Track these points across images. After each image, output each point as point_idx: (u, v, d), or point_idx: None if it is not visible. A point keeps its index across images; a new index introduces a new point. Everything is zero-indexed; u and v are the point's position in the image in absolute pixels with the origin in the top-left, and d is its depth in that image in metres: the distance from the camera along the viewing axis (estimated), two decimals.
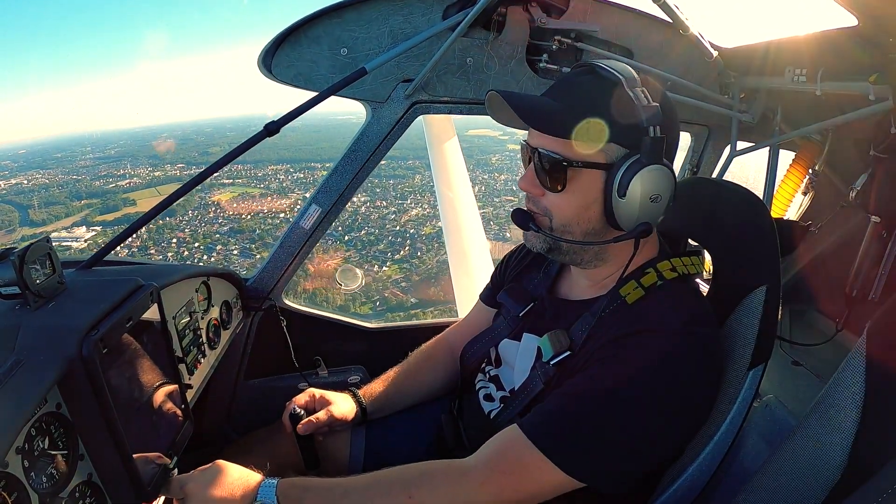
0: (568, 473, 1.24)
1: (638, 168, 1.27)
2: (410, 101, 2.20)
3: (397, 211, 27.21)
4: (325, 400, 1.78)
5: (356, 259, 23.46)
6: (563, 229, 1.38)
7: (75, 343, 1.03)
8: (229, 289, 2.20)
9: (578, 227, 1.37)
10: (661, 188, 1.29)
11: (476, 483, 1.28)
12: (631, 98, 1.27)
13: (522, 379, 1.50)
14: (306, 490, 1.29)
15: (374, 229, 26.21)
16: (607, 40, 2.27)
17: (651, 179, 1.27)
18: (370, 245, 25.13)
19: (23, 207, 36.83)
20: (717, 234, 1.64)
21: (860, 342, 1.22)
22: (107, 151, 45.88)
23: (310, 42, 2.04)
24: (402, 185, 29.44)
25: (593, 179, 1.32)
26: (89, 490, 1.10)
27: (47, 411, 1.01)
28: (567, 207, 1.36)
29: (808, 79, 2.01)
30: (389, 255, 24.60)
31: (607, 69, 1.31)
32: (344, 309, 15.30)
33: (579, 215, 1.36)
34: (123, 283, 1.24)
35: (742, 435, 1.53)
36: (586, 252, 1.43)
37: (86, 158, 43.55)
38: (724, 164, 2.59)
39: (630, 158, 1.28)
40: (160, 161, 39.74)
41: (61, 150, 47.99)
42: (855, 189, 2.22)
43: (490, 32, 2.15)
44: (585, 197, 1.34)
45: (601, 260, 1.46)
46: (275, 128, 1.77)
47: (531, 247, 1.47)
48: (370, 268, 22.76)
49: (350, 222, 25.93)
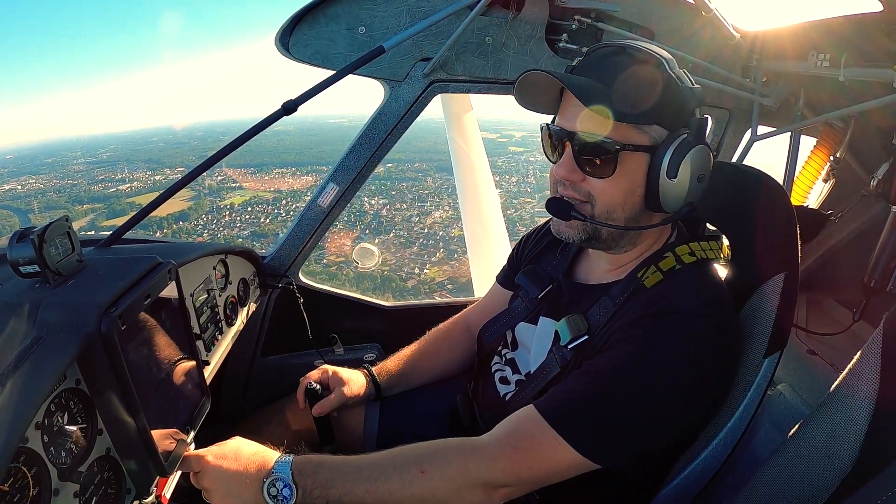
0: (581, 453, 1.24)
1: (687, 149, 1.27)
2: (428, 79, 2.18)
3: (420, 213, 27.16)
4: (338, 377, 1.80)
5: (392, 262, 23.40)
6: (606, 215, 1.36)
7: (94, 320, 1.04)
8: (247, 266, 2.21)
9: (623, 211, 1.36)
10: (706, 168, 1.31)
11: (489, 459, 1.28)
12: (675, 79, 1.28)
13: (539, 362, 1.51)
14: (320, 465, 1.30)
15: (402, 231, 26.16)
16: (629, 21, 2.23)
17: (699, 159, 1.29)
18: (404, 247, 25.08)
19: (22, 212, 36.96)
20: (736, 219, 1.62)
21: (876, 333, 1.20)
22: (99, 155, 45.94)
23: (328, 20, 2.03)
24: (416, 188, 29.32)
25: (639, 162, 1.31)
26: (107, 464, 1.12)
27: (67, 387, 1.03)
28: (615, 192, 1.34)
29: (831, 64, 1.97)
30: (426, 257, 24.52)
31: (644, 50, 1.31)
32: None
33: (625, 199, 1.35)
34: (142, 260, 1.24)
35: (755, 422, 1.52)
36: (623, 237, 1.43)
37: (78, 163, 43.60)
38: (744, 148, 2.56)
39: (677, 139, 1.28)
40: (159, 165, 39.68)
41: (51, 155, 48.09)
42: (876, 178, 2.18)
43: (509, 11, 2.13)
44: (632, 180, 1.33)
45: (633, 245, 1.46)
46: (292, 106, 1.77)
47: (565, 237, 1.44)
48: (410, 270, 22.70)
49: (375, 224, 25.85)
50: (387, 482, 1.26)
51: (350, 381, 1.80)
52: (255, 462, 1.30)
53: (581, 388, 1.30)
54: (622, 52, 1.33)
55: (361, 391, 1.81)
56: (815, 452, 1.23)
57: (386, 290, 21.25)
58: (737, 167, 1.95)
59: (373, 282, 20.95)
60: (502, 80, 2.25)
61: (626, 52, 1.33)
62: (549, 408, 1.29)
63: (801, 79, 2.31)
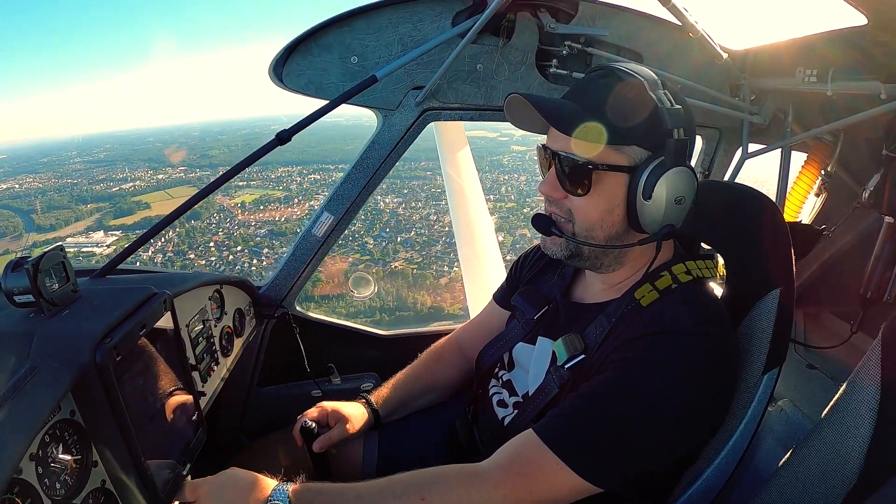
0: (582, 476, 1.22)
1: (663, 170, 1.27)
2: (421, 108, 2.20)
3: (437, 212, 27.01)
4: (337, 413, 1.78)
5: (420, 260, 23.15)
6: (585, 234, 1.38)
7: (89, 350, 1.04)
8: (242, 297, 2.21)
9: (602, 230, 1.37)
10: (685, 190, 1.30)
11: (489, 485, 1.26)
12: (654, 100, 1.28)
13: (537, 383, 1.50)
14: (319, 493, 1.29)
15: (423, 230, 25.93)
16: (617, 44, 2.27)
17: (676, 181, 1.28)
18: (427, 245, 24.84)
19: (24, 212, 36.76)
20: (730, 236, 1.62)
21: (875, 344, 1.20)
22: (95, 154, 45.53)
23: (320, 50, 2.05)
24: (428, 186, 29.23)
25: (617, 182, 1.32)
26: (102, 497, 1.11)
27: (61, 418, 1.02)
28: (591, 211, 1.35)
29: (818, 79, 1.99)
30: (452, 255, 24.24)
31: (628, 71, 1.32)
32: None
33: (603, 219, 1.36)
34: (137, 291, 1.24)
35: (757, 439, 1.52)
36: (606, 256, 1.44)
37: (76, 162, 43.22)
38: (735, 166, 2.58)
39: (655, 160, 1.29)
40: (159, 164, 39.56)
41: (46, 155, 47.65)
42: (868, 189, 2.20)
43: (499, 39, 2.16)
44: (610, 200, 1.34)
45: (619, 264, 1.46)
46: (286, 136, 1.80)
47: (551, 253, 1.47)
48: (440, 268, 22.40)
49: (394, 223, 25.67)
50: None
51: (352, 416, 1.78)
52: (252, 492, 1.28)
53: (579, 411, 1.28)
54: (610, 75, 1.35)
55: (362, 424, 1.80)
56: (820, 467, 1.22)
57: (420, 287, 21.00)
58: (729, 185, 1.97)
59: (405, 279, 20.84)
60: (494, 107, 2.27)
61: (613, 75, 1.34)
62: (548, 432, 1.28)
63: (790, 95, 2.34)
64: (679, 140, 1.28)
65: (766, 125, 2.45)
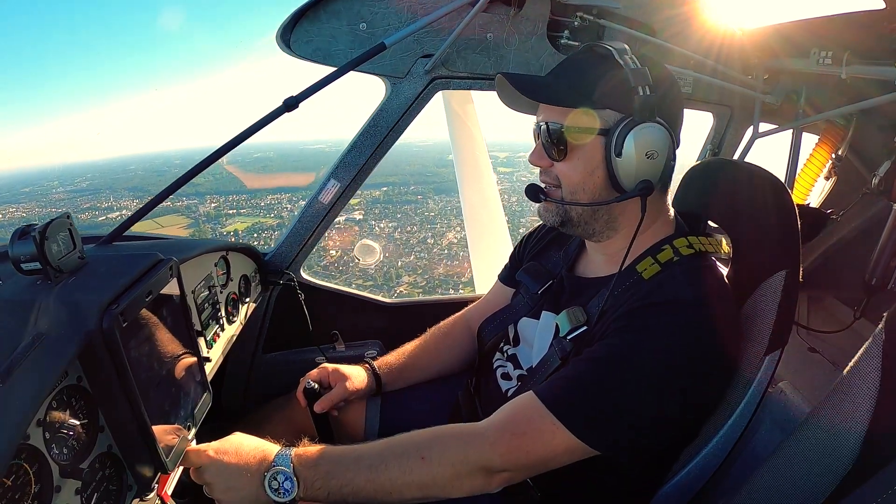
0: (578, 437, 1.25)
1: (631, 126, 1.32)
2: (430, 76, 2.18)
3: (434, 235, 26.93)
4: (340, 373, 1.80)
5: (423, 284, 23.29)
6: (571, 196, 1.44)
7: (96, 317, 1.04)
8: (248, 263, 2.21)
9: (585, 193, 1.42)
10: (655, 145, 1.33)
11: (487, 443, 1.29)
12: (620, 65, 1.32)
13: (541, 356, 1.52)
14: (321, 456, 1.31)
15: (422, 253, 25.95)
16: (630, 17, 2.23)
17: (644, 136, 1.32)
18: (429, 270, 24.87)
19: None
20: (737, 216, 1.62)
21: (878, 331, 1.20)
22: (78, 184, 45.11)
23: (329, 16, 2.02)
24: (421, 210, 29.12)
25: (595, 145, 1.38)
26: (109, 461, 1.12)
27: (68, 384, 1.03)
28: (574, 174, 1.42)
29: (833, 61, 1.96)
30: (455, 278, 24.31)
31: (602, 45, 1.39)
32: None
33: (585, 181, 1.41)
34: (143, 257, 1.24)
35: (756, 420, 1.52)
36: (596, 221, 1.47)
37: (58, 192, 42.79)
38: (745, 145, 2.55)
39: (625, 120, 1.33)
40: (144, 192, 39.08)
41: (27, 185, 47.24)
42: (878, 176, 2.18)
43: (511, 8, 2.12)
44: (589, 162, 1.40)
45: (612, 230, 1.49)
46: (293, 103, 1.78)
47: (545, 221, 1.54)
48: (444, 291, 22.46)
49: (393, 248, 25.65)
50: (387, 470, 1.28)
51: (352, 376, 1.81)
52: (255, 456, 1.31)
53: (579, 375, 1.31)
54: (587, 51, 1.46)
55: (363, 386, 1.82)
56: (816, 451, 1.23)
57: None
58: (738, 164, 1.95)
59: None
60: None
61: (589, 50, 1.45)
62: (547, 393, 1.31)
63: (803, 76, 2.30)
64: (644, 97, 1.31)
65: (778, 105, 2.42)
